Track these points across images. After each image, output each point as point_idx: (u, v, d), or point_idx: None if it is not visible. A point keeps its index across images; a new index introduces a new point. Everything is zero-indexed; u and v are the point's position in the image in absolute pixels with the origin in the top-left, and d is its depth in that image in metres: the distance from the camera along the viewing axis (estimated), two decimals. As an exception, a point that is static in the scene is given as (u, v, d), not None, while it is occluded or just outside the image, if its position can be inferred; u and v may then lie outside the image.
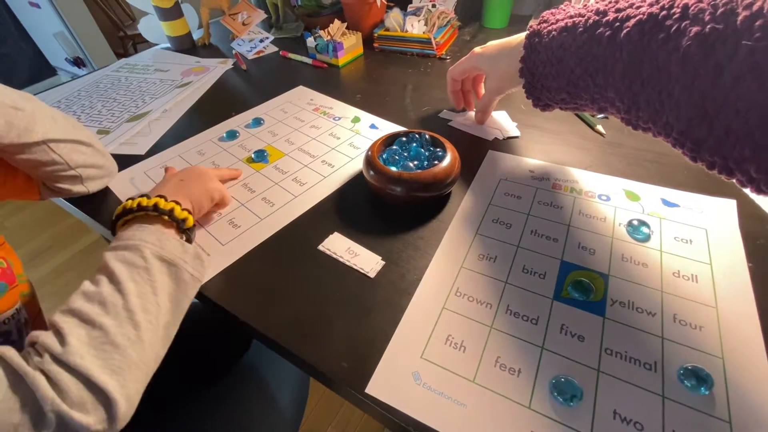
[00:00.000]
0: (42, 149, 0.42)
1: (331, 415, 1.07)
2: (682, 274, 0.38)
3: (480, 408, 0.30)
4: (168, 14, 0.88)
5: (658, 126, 0.35)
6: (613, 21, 0.36)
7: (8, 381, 0.26)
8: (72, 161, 0.45)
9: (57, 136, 0.43)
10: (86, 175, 0.48)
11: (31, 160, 0.42)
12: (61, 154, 0.44)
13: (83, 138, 0.47)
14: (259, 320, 0.37)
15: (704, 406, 0.29)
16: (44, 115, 0.42)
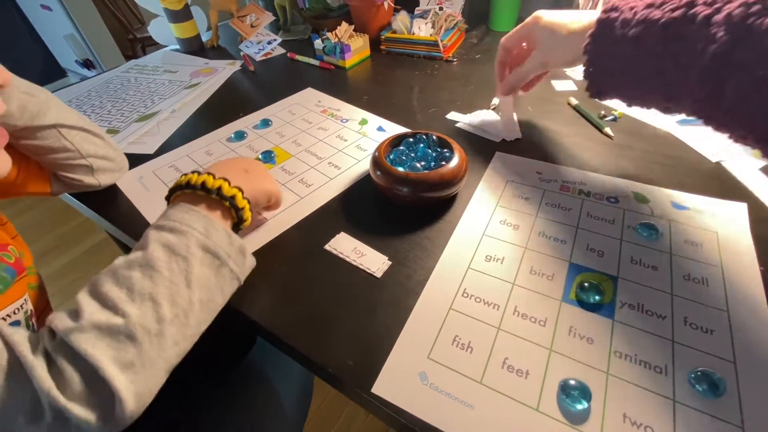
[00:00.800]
0: (54, 134, 0.43)
1: (333, 419, 1.06)
2: (693, 277, 0.37)
3: (487, 409, 0.30)
4: (178, 16, 0.89)
5: (740, 116, 0.33)
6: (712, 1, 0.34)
7: (8, 367, 0.25)
8: (83, 150, 0.46)
9: (68, 122, 0.44)
10: (97, 167, 0.49)
11: (43, 145, 0.43)
12: (73, 141, 0.45)
13: (94, 129, 0.48)
14: (265, 318, 0.37)
15: (716, 410, 0.29)
16: (57, 103, 0.44)
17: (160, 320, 0.29)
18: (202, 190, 0.36)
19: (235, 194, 0.37)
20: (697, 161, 0.52)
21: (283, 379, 0.70)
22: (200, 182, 0.36)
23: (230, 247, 0.34)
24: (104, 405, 0.26)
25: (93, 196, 0.52)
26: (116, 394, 0.26)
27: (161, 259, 0.31)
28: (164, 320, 0.29)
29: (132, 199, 0.52)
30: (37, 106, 0.41)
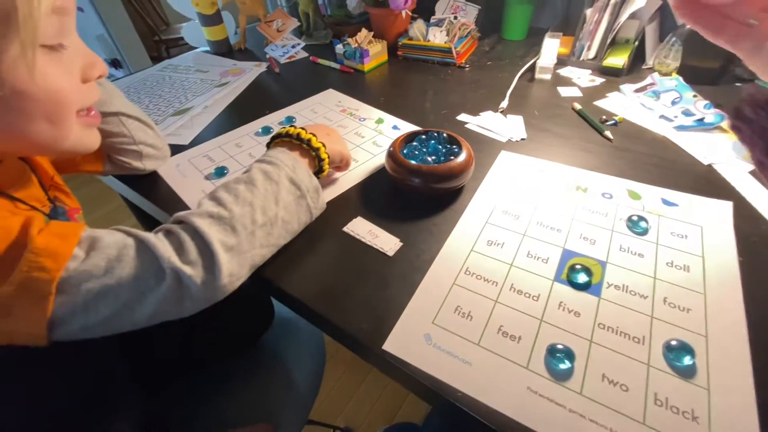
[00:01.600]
0: (116, 120, 0.50)
1: (341, 405, 1.10)
2: (675, 264, 0.41)
3: (483, 366, 0.34)
4: (209, 20, 0.96)
5: None
6: None
7: (137, 245, 0.33)
8: (137, 137, 0.53)
9: (128, 111, 0.52)
10: (145, 153, 0.55)
11: (104, 129, 0.50)
12: (130, 128, 0.52)
13: (148, 120, 0.55)
14: (292, 287, 0.42)
15: (685, 374, 0.33)
16: (119, 95, 0.51)
17: (254, 222, 0.38)
18: (296, 140, 0.47)
19: (319, 147, 0.47)
20: (690, 164, 0.56)
21: (297, 360, 0.74)
22: (296, 133, 0.47)
23: (309, 184, 0.44)
24: (208, 272, 0.34)
25: (137, 180, 0.58)
26: (218, 265, 0.34)
27: (259, 180, 0.40)
28: (256, 223, 0.38)
29: (171, 184, 0.58)
30: (106, 94, 0.49)
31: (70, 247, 0.31)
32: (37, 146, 0.35)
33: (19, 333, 0.30)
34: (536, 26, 1.03)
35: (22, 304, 0.29)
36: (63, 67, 0.32)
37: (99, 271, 0.31)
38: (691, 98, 0.66)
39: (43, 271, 0.29)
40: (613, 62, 0.79)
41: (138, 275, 0.32)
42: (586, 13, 0.79)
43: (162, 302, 0.33)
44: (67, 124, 0.34)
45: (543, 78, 0.80)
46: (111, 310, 0.32)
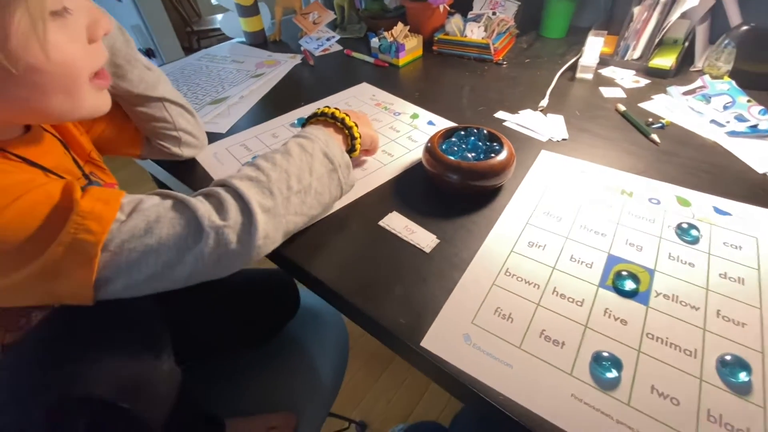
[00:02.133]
0: (159, 105, 0.51)
1: (357, 399, 1.11)
2: (729, 276, 0.39)
3: (525, 369, 0.33)
4: (247, 11, 0.97)
5: None
6: None
7: (173, 205, 0.34)
8: (178, 123, 0.54)
9: (172, 97, 0.52)
10: (184, 140, 0.56)
11: (148, 113, 0.51)
12: (172, 114, 0.53)
13: (190, 108, 0.56)
14: (329, 279, 0.42)
15: (740, 391, 0.31)
16: (165, 80, 0.52)
17: (290, 188, 0.39)
18: (331, 119, 0.48)
19: (352, 126, 0.49)
20: (744, 171, 0.53)
21: (320, 351, 0.75)
22: (330, 113, 0.49)
23: (341, 159, 0.44)
24: (245, 231, 0.35)
25: (176, 165, 0.59)
26: (255, 225, 0.35)
27: (295, 151, 0.41)
28: (292, 189, 0.39)
29: (208, 170, 0.59)
30: (152, 78, 0.49)
31: (113, 211, 0.31)
32: (54, 117, 0.35)
33: (66, 293, 0.31)
34: (576, 24, 1.00)
35: (69, 265, 0.30)
36: (70, 32, 0.31)
37: (140, 232, 0.32)
38: (745, 103, 0.63)
39: (89, 233, 0.30)
40: (660, 63, 0.76)
41: (178, 233, 0.33)
42: (633, 11, 0.76)
43: (200, 260, 0.33)
44: (81, 92, 0.33)
45: (584, 77, 0.78)
46: (152, 270, 0.32)
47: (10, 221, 0.28)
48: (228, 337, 0.67)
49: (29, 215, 0.28)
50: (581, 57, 0.78)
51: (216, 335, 0.66)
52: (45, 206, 0.29)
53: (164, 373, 0.39)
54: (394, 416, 1.08)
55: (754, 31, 0.70)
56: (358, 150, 0.51)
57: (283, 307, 0.74)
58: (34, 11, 0.26)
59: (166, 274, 0.33)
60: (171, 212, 0.33)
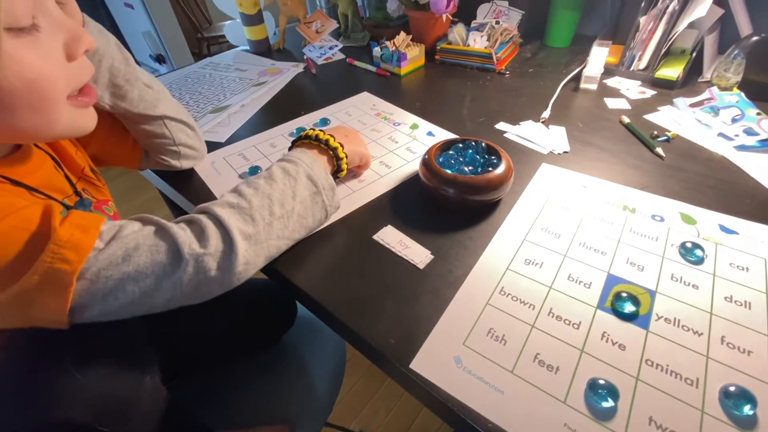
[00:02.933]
0: (159, 123, 0.51)
1: (356, 410, 1.09)
2: (735, 299, 0.38)
3: (517, 396, 0.32)
4: (251, 20, 0.97)
5: None
6: None
7: (154, 232, 0.34)
8: (177, 138, 0.54)
9: (172, 114, 0.52)
10: (183, 153, 0.56)
11: (147, 130, 0.51)
12: (171, 130, 0.53)
13: (190, 122, 0.56)
14: (317, 293, 0.41)
15: (744, 425, 0.29)
16: (166, 96, 0.52)
17: (272, 214, 0.39)
18: (315, 141, 0.48)
19: (337, 147, 0.49)
20: (753, 188, 0.51)
21: (317, 362, 0.74)
22: (314, 135, 0.49)
23: (326, 181, 0.44)
24: (226, 257, 0.35)
25: (173, 175, 0.59)
26: (235, 252, 0.35)
27: (278, 175, 0.42)
28: (274, 215, 0.39)
29: (205, 180, 0.59)
30: (153, 97, 0.49)
31: (92, 239, 0.31)
32: (26, 135, 0.34)
33: (40, 319, 0.31)
34: (581, 33, 0.99)
35: (43, 294, 0.29)
36: (40, 49, 0.29)
37: (117, 260, 0.32)
38: (755, 116, 0.61)
39: (65, 263, 0.29)
40: (667, 74, 0.74)
41: (156, 261, 0.33)
42: (639, 20, 0.75)
43: (178, 287, 0.34)
44: (54, 111, 0.31)
45: (588, 88, 0.77)
46: (129, 297, 0.32)
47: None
48: (223, 347, 0.67)
49: (6, 242, 0.28)
50: (585, 67, 0.77)
51: (211, 346, 0.65)
52: (23, 233, 0.29)
53: (147, 392, 0.39)
54: (393, 428, 1.06)
55: (765, 42, 0.68)
56: (345, 170, 0.51)
57: (280, 318, 0.73)
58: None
59: (144, 301, 0.33)
60: (151, 239, 0.33)
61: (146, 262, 0.32)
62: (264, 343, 0.72)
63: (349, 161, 0.51)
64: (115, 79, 0.44)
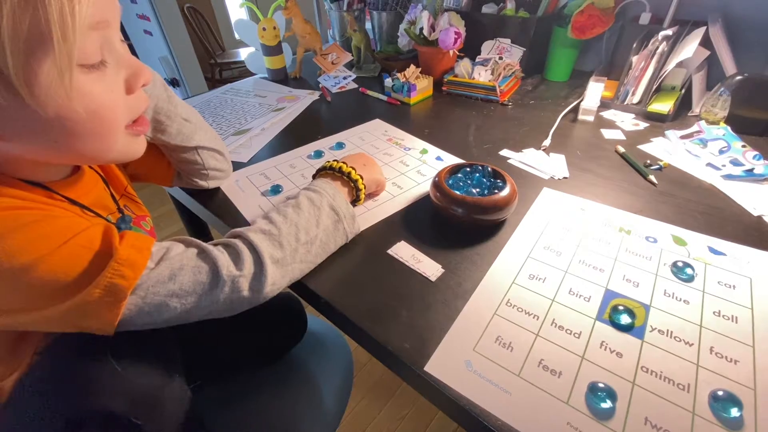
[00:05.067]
0: (193, 152, 0.56)
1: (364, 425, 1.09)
2: (723, 314, 0.41)
3: (523, 397, 0.35)
4: (271, 51, 1.05)
5: None
6: None
7: (197, 254, 0.38)
8: (207, 164, 0.58)
9: (205, 144, 0.57)
10: (212, 176, 0.61)
11: (183, 157, 0.56)
12: (203, 157, 0.57)
13: (221, 149, 0.61)
14: (338, 302, 0.45)
15: (731, 426, 0.32)
16: (201, 127, 0.56)
17: (297, 240, 0.44)
18: (338, 173, 0.53)
19: (357, 179, 0.54)
20: (739, 213, 0.55)
21: (325, 376, 0.75)
22: (338, 167, 0.54)
23: (346, 210, 0.49)
24: (257, 279, 0.40)
25: (201, 194, 0.63)
26: (265, 274, 0.40)
27: (304, 204, 0.47)
28: (299, 241, 0.44)
29: (230, 196, 0.63)
30: (189, 130, 0.54)
31: (145, 259, 0.35)
32: (86, 158, 0.38)
33: (90, 327, 0.35)
34: (579, 69, 1.06)
35: (100, 306, 0.33)
36: (106, 83, 0.32)
37: (164, 279, 0.36)
38: (740, 148, 0.66)
39: (123, 279, 0.33)
40: (659, 108, 0.80)
41: (198, 281, 0.37)
42: (632, 59, 0.81)
43: (214, 304, 0.38)
44: (113, 138, 0.35)
45: (586, 119, 0.82)
46: (171, 313, 0.36)
47: (57, 264, 0.31)
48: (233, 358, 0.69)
49: (73, 260, 0.32)
50: (583, 100, 0.83)
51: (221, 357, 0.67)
52: (88, 252, 0.33)
53: (174, 392, 0.41)
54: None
55: (748, 81, 0.74)
56: (362, 199, 0.57)
57: (290, 331, 0.75)
58: (62, 63, 0.28)
59: (182, 316, 0.37)
60: (194, 260, 0.38)
61: (189, 282, 0.37)
62: (273, 354, 0.74)
63: (366, 189, 0.56)
64: (158, 116, 0.49)
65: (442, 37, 0.94)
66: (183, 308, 0.36)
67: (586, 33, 0.90)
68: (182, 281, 0.36)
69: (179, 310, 0.36)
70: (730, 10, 0.84)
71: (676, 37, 0.80)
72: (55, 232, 0.32)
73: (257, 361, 0.72)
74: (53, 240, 0.31)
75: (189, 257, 0.38)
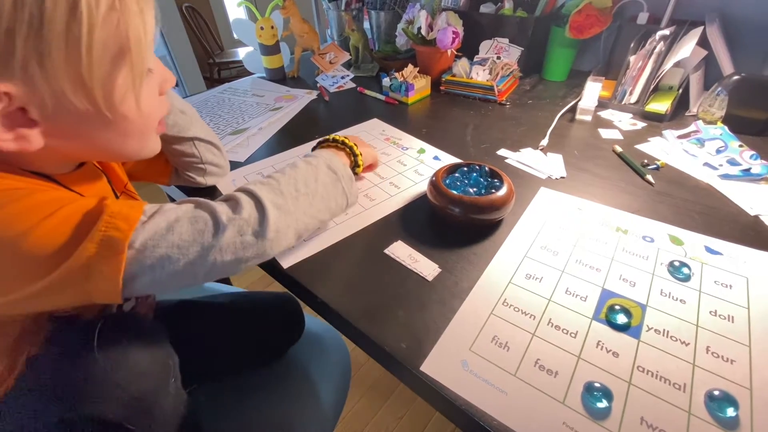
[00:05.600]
0: (190, 144, 0.56)
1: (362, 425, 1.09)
2: (719, 313, 0.41)
3: (519, 397, 0.35)
4: (269, 50, 1.04)
5: None
6: None
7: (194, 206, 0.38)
8: (205, 157, 0.59)
9: (202, 136, 0.57)
10: (209, 171, 0.61)
11: (178, 149, 0.56)
12: (200, 150, 0.57)
13: (217, 142, 0.61)
14: (334, 302, 0.44)
15: (727, 426, 0.32)
16: (197, 119, 0.57)
17: (297, 190, 0.44)
18: (332, 142, 0.57)
19: (352, 145, 0.57)
20: (736, 213, 0.55)
21: (322, 377, 0.75)
22: (331, 138, 0.57)
23: (344, 171, 0.50)
24: (260, 223, 0.39)
25: (198, 193, 0.63)
26: (267, 218, 0.39)
27: (301, 164, 0.47)
28: (299, 191, 0.44)
29: (227, 196, 0.63)
30: (185, 121, 0.54)
31: (138, 213, 0.35)
32: (125, 156, 0.40)
33: (97, 291, 0.33)
34: (577, 69, 1.06)
35: (99, 261, 0.32)
36: (151, 87, 0.37)
37: (161, 230, 0.35)
38: (737, 148, 0.66)
39: (117, 230, 0.32)
40: (656, 108, 0.80)
41: (198, 229, 0.36)
42: (629, 59, 0.81)
43: (218, 254, 0.36)
44: (150, 137, 0.39)
45: (583, 119, 0.82)
46: (174, 266, 0.35)
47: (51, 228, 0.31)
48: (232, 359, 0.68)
49: (66, 222, 0.32)
50: (581, 100, 0.83)
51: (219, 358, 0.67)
52: (79, 213, 0.32)
53: (171, 395, 0.41)
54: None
55: (746, 80, 0.74)
56: (362, 165, 0.59)
57: (288, 331, 0.75)
58: (136, 70, 0.32)
59: (187, 270, 0.35)
60: (191, 211, 0.37)
61: (188, 231, 0.35)
62: (271, 355, 0.74)
63: (363, 159, 0.58)
64: None
65: (440, 37, 0.94)
66: (186, 260, 0.35)
67: (584, 33, 0.90)
68: (181, 231, 0.35)
69: (182, 262, 0.35)
70: (727, 9, 0.84)
71: (673, 37, 0.80)
72: (48, 201, 0.32)
73: (255, 362, 0.72)
74: (47, 207, 0.31)
75: (185, 210, 0.37)
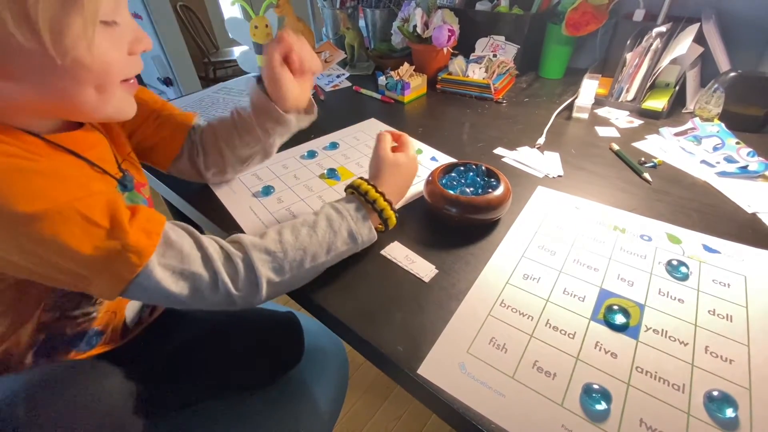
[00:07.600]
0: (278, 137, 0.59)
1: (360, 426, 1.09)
2: (718, 312, 0.41)
3: (517, 399, 0.34)
4: (263, 49, 1.03)
5: None
6: None
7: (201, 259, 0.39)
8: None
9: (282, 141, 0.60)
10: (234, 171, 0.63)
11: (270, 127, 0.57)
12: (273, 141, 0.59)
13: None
14: (330, 305, 0.44)
15: (727, 426, 0.32)
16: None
17: (300, 266, 0.43)
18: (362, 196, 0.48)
19: (384, 208, 0.48)
20: (733, 211, 0.55)
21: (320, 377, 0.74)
22: (365, 191, 0.48)
23: (367, 238, 0.47)
24: (252, 296, 0.41)
25: (192, 194, 0.63)
26: (260, 295, 0.41)
27: (321, 226, 0.45)
28: (303, 267, 0.43)
29: (221, 197, 0.62)
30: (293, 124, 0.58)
31: (153, 245, 0.36)
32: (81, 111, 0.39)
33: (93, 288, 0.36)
34: (574, 66, 1.06)
35: (102, 281, 0.35)
36: (114, 40, 0.36)
37: (167, 277, 0.37)
38: (734, 145, 0.66)
39: (128, 264, 0.35)
40: (653, 105, 0.80)
41: (196, 287, 0.39)
42: (626, 56, 0.81)
43: (207, 306, 0.40)
44: (110, 91, 0.38)
45: (580, 117, 0.82)
46: (168, 300, 0.38)
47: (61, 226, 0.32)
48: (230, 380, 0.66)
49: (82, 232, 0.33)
50: (577, 98, 0.82)
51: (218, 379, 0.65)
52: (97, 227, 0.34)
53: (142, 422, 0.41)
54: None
55: (742, 77, 0.73)
56: (394, 224, 0.50)
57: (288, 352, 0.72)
58: (87, 17, 0.32)
59: (178, 304, 0.39)
60: (199, 267, 0.39)
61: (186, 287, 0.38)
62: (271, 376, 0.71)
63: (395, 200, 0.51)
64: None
65: (436, 35, 0.93)
66: (179, 301, 0.38)
67: (580, 30, 0.89)
68: (182, 286, 0.38)
69: (176, 301, 0.38)
70: (723, 6, 0.84)
71: (669, 34, 0.80)
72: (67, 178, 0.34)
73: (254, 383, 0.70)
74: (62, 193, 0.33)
75: (193, 260, 0.39)
